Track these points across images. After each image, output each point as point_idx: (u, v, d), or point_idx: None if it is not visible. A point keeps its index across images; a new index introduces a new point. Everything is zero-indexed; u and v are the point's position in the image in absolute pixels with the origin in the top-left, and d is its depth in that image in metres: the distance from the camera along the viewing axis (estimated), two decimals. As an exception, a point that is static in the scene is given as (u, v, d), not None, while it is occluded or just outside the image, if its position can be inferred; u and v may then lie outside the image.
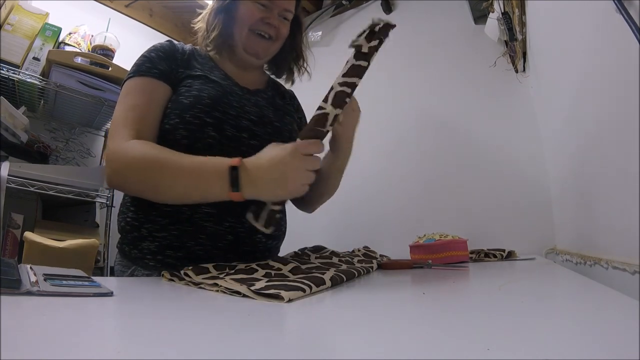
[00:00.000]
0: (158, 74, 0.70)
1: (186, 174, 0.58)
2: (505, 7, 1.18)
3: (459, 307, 0.38)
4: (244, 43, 0.77)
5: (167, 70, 0.71)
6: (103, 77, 1.46)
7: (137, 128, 0.64)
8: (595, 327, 0.27)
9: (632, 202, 0.53)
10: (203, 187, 0.58)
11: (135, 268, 0.68)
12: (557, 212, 1.16)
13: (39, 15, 1.43)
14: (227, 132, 0.69)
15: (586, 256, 0.78)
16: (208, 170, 0.57)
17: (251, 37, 0.76)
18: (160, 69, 0.70)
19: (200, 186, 0.58)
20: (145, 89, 0.68)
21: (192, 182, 0.58)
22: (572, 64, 0.79)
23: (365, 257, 0.82)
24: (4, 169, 1.21)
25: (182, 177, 0.58)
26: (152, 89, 0.69)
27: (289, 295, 0.37)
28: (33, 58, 1.39)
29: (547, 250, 1.17)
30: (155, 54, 0.72)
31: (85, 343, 0.23)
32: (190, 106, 0.68)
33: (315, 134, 0.58)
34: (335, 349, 0.24)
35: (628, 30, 0.46)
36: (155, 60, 0.71)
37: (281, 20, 0.77)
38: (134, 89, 0.68)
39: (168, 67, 0.72)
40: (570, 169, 0.92)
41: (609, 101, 0.61)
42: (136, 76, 0.69)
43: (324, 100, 0.59)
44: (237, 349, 0.23)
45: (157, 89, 0.69)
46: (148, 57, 0.72)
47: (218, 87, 0.72)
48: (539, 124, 1.28)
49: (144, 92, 0.68)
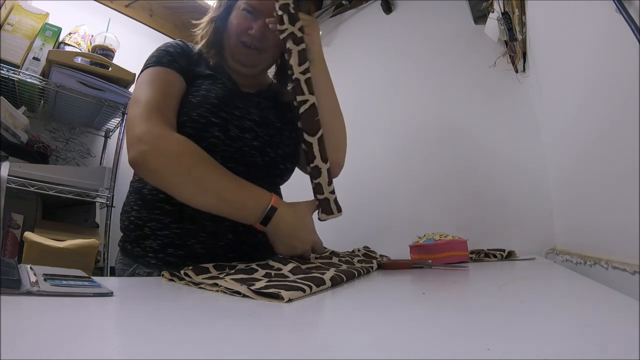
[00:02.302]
0: (179, 69, 0.71)
1: (229, 190, 0.62)
2: (505, 7, 1.18)
3: (459, 307, 0.38)
4: (233, 52, 0.77)
5: (185, 67, 0.73)
6: (103, 77, 1.46)
7: (167, 115, 0.65)
8: (595, 327, 0.27)
9: (632, 202, 0.53)
10: (237, 207, 0.62)
11: (137, 266, 0.68)
12: (557, 212, 1.16)
13: (39, 15, 1.43)
14: (231, 133, 0.70)
15: (586, 256, 0.78)
16: (251, 198, 0.63)
17: (238, 48, 0.76)
18: (180, 65, 0.72)
19: (235, 206, 0.62)
20: (168, 79, 0.69)
21: (230, 199, 0.61)
22: (572, 64, 0.79)
23: (365, 257, 0.82)
24: (4, 169, 1.21)
25: (224, 190, 0.61)
26: (174, 81, 0.70)
27: (289, 295, 0.37)
28: (33, 58, 1.39)
29: (547, 250, 1.17)
30: (173, 50, 0.74)
31: (85, 343, 0.23)
32: (197, 105, 0.69)
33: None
34: (335, 349, 0.24)
35: (628, 30, 0.46)
36: (175, 55, 0.73)
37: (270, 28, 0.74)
38: (158, 77, 0.69)
39: (185, 64, 0.73)
40: (570, 169, 0.92)
41: (609, 101, 0.61)
42: (158, 66, 0.70)
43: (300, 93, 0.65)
44: (237, 349, 0.23)
45: (177, 82, 0.71)
46: (167, 51, 0.73)
47: (224, 88, 0.73)
48: (539, 124, 1.28)
49: (168, 82, 0.69)
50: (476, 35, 1.48)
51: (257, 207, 0.62)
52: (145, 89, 0.67)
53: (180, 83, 0.71)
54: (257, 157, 0.73)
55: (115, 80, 1.48)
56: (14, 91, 1.41)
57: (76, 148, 1.66)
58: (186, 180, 0.60)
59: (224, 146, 0.69)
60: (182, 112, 0.69)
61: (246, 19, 0.74)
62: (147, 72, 0.69)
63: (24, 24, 1.38)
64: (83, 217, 1.56)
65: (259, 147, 0.74)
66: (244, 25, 0.74)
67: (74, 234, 1.37)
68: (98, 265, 1.43)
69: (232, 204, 0.62)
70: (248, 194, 0.63)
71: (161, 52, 0.73)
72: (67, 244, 1.23)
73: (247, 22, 0.74)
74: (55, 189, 1.32)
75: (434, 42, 1.62)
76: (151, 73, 0.69)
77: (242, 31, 0.74)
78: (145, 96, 0.65)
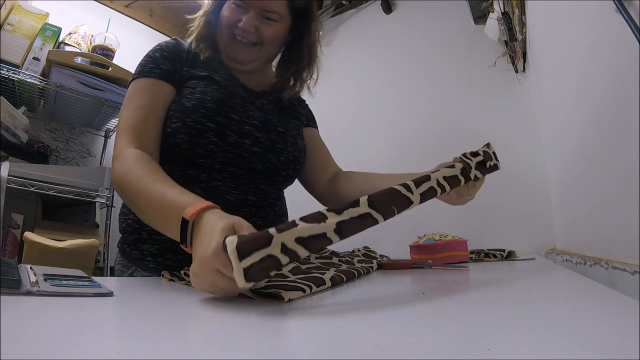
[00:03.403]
0: (161, 75, 0.69)
1: (153, 207, 0.53)
2: (505, 7, 1.18)
3: (459, 307, 0.38)
4: (225, 47, 0.74)
5: (171, 70, 0.70)
6: (103, 77, 1.46)
7: (139, 131, 0.64)
8: (595, 327, 0.27)
9: (632, 202, 0.53)
10: (163, 227, 0.52)
11: (135, 269, 0.68)
12: (557, 212, 1.16)
13: (39, 15, 1.43)
14: (229, 138, 0.68)
15: (586, 256, 0.78)
16: (169, 212, 0.48)
17: (231, 42, 0.73)
18: (164, 69, 0.70)
19: (161, 225, 0.53)
20: (148, 90, 0.68)
21: (156, 217, 0.53)
22: (572, 64, 0.79)
23: (365, 257, 0.82)
24: (4, 169, 1.21)
25: (150, 209, 0.54)
26: (156, 89, 0.68)
27: (288, 295, 0.37)
28: (33, 58, 1.39)
29: (547, 250, 1.17)
30: (159, 54, 0.72)
31: (85, 343, 0.23)
32: (192, 110, 0.66)
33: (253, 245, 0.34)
34: (335, 349, 0.23)
35: (628, 30, 0.46)
36: (159, 60, 0.71)
37: (263, 21, 0.72)
38: (137, 91, 0.68)
39: (172, 66, 0.71)
40: (570, 168, 0.92)
41: (609, 101, 0.61)
42: (140, 77, 0.69)
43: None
44: (237, 349, 0.23)
45: (161, 90, 0.69)
46: (152, 57, 0.71)
47: (222, 90, 0.71)
48: (539, 124, 1.28)
49: (148, 93, 0.68)
50: (476, 35, 1.47)
51: (176, 223, 0.45)
52: (123, 108, 0.67)
53: (163, 88, 0.69)
54: (258, 163, 0.71)
55: (115, 80, 1.47)
56: (14, 91, 1.41)
57: (76, 148, 1.66)
58: (129, 202, 0.59)
59: (221, 152, 0.67)
60: (175, 117, 0.67)
61: (236, 11, 0.71)
62: (129, 88, 0.69)
63: (24, 24, 1.38)
64: (83, 217, 1.56)
65: (259, 153, 0.71)
66: (234, 18, 0.71)
67: (74, 234, 1.37)
68: (98, 265, 1.43)
69: (159, 223, 0.53)
70: (168, 210, 0.49)
71: (147, 59, 0.71)
72: (67, 244, 1.23)
73: (237, 14, 0.71)
74: (55, 189, 1.32)
75: (434, 42, 1.62)
76: (131, 88, 0.69)
77: (232, 24, 0.72)
78: (121, 116, 0.67)
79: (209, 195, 0.66)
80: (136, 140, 0.63)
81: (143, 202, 0.55)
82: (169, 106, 0.69)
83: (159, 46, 0.74)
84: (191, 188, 0.68)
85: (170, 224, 0.47)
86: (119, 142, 0.63)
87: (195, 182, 0.67)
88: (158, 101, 0.68)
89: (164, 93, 0.69)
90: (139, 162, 0.59)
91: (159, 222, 0.53)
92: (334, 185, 0.85)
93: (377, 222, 0.40)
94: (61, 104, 1.49)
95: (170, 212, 0.48)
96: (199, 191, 0.66)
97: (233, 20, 0.71)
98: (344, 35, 1.96)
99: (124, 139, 0.63)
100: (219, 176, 0.68)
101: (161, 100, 0.68)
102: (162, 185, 0.53)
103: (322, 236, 0.37)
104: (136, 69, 0.71)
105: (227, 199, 0.68)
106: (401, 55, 1.72)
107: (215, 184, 0.67)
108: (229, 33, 0.73)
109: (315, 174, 0.87)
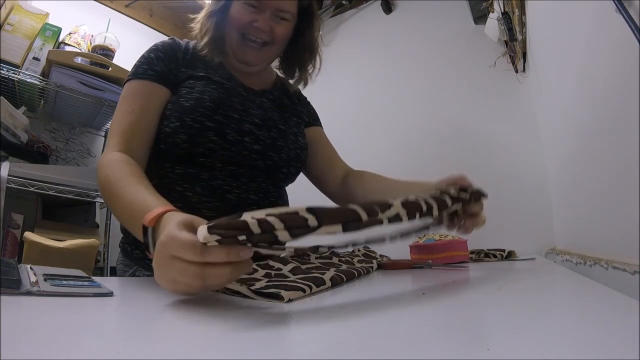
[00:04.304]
0: (154, 76, 0.68)
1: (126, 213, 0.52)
2: (505, 7, 1.19)
3: (459, 307, 0.38)
4: (235, 49, 0.73)
5: (165, 71, 0.70)
6: (103, 77, 1.46)
7: (126, 136, 0.63)
8: (595, 327, 0.27)
9: (632, 202, 0.53)
10: (136, 233, 0.49)
11: (137, 268, 0.68)
12: (557, 212, 1.16)
13: (39, 15, 1.43)
14: (228, 137, 0.68)
15: (586, 256, 0.78)
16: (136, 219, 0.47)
17: (241, 43, 0.72)
18: (157, 70, 0.69)
19: (134, 231, 0.51)
20: (141, 92, 0.67)
21: (128, 223, 0.53)
22: (572, 64, 0.79)
23: (365, 257, 0.82)
24: (4, 169, 1.21)
25: (124, 215, 0.53)
26: (149, 92, 0.68)
27: (289, 295, 0.37)
28: (33, 58, 1.39)
29: (547, 250, 1.17)
30: (154, 55, 0.71)
31: (85, 343, 0.23)
32: (191, 109, 0.66)
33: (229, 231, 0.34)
34: (335, 349, 0.23)
35: (628, 30, 0.46)
36: (153, 61, 0.70)
37: (276, 21, 0.72)
38: (129, 94, 0.68)
39: (166, 67, 0.70)
40: (570, 168, 0.92)
41: (609, 101, 0.61)
42: (133, 79, 0.68)
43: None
44: (237, 349, 0.23)
45: (154, 92, 0.68)
46: (146, 59, 0.70)
47: (221, 89, 0.70)
48: (539, 124, 1.28)
49: (140, 96, 0.67)
50: (476, 35, 1.48)
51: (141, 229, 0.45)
52: (117, 110, 0.67)
53: (156, 90, 0.68)
54: (258, 160, 0.71)
55: (115, 80, 1.47)
56: (14, 91, 1.41)
57: (76, 148, 1.66)
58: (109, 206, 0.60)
59: (221, 150, 0.67)
60: (173, 116, 0.66)
61: (250, 12, 0.70)
62: (124, 88, 0.69)
63: (24, 24, 1.38)
64: (83, 217, 1.56)
65: (259, 151, 0.71)
66: (248, 18, 0.70)
67: (74, 234, 1.37)
68: (98, 265, 1.44)
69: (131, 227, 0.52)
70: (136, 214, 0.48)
71: (141, 60, 0.71)
72: (67, 244, 1.23)
73: (251, 15, 0.70)
74: (55, 189, 1.32)
75: (434, 42, 1.62)
76: (126, 89, 0.68)
77: (246, 24, 0.70)
78: (114, 119, 0.67)
79: (210, 194, 0.66)
80: (123, 144, 0.63)
81: (118, 207, 0.54)
82: (162, 108, 0.68)
83: (154, 46, 0.73)
84: (192, 187, 0.67)
85: (137, 232, 0.46)
86: (107, 145, 0.64)
87: (196, 181, 0.67)
88: (150, 104, 0.67)
89: (157, 95, 0.68)
90: (118, 165, 0.58)
91: (131, 228, 0.52)
92: (347, 185, 0.85)
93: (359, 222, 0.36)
94: (61, 104, 1.49)
95: (137, 220, 0.46)
96: (200, 190, 0.66)
97: (247, 20, 0.70)
98: (344, 35, 1.96)
99: (111, 143, 0.63)
100: (220, 175, 0.68)
101: (153, 103, 0.68)
102: (133, 189, 0.53)
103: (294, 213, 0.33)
104: (131, 70, 0.71)
105: (229, 198, 0.68)
106: (401, 55, 1.72)
107: (216, 182, 0.67)
108: (239, 34, 0.72)
109: (325, 174, 0.88)
